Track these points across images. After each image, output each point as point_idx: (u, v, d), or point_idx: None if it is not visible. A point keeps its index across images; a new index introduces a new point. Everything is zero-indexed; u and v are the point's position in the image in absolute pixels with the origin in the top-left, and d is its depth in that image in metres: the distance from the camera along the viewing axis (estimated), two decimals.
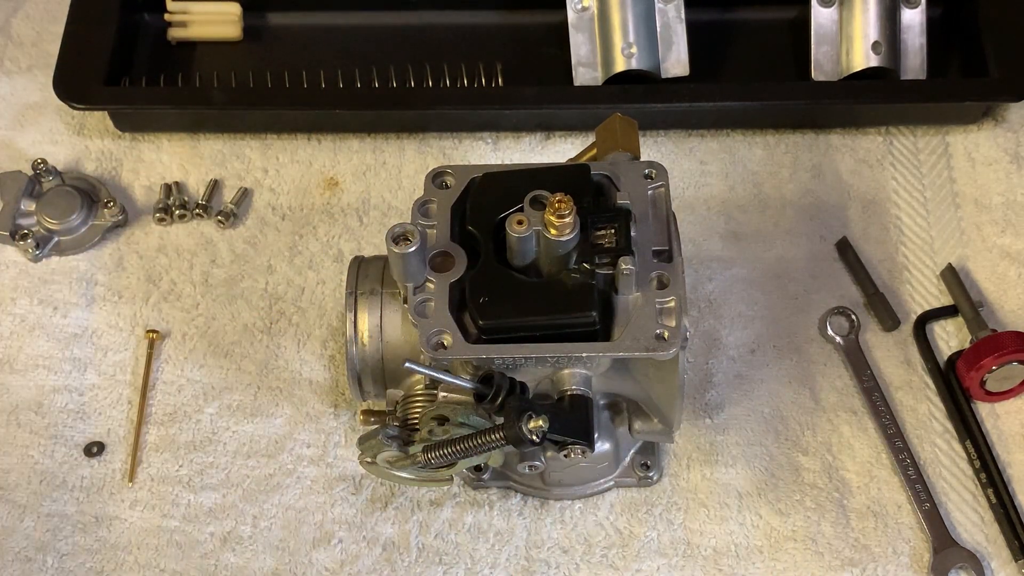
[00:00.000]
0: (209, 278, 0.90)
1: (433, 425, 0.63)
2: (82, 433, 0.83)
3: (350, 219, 0.92)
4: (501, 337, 0.63)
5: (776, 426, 0.83)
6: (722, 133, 0.95)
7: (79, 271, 0.90)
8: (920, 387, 0.84)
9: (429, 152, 0.95)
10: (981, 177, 0.93)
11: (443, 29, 1.00)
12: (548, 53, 0.98)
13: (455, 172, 0.69)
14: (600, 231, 0.64)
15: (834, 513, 0.80)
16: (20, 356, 0.86)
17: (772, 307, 0.88)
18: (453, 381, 0.61)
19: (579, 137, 0.95)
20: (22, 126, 0.97)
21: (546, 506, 0.80)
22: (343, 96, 0.95)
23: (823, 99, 0.94)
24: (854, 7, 0.93)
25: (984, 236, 0.90)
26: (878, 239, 0.90)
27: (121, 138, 0.96)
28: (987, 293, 0.88)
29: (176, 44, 1.00)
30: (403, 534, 0.79)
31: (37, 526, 0.80)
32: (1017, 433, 0.82)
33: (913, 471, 0.80)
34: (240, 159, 0.95)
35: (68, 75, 0.92)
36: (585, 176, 0.68)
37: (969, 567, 0.77)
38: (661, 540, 0.79)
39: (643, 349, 0.63)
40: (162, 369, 0.86)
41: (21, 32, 1.02)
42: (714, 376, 0.85)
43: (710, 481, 0.81)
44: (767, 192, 0.93)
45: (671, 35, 0.93)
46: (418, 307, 0.64)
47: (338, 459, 0.82)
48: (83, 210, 0.91)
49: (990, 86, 0.93)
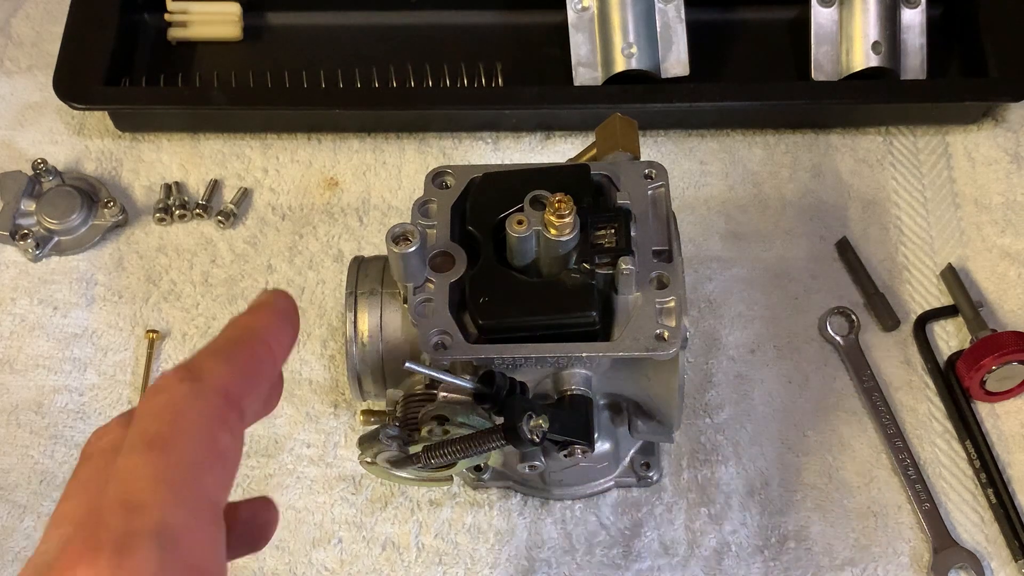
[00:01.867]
0: (209, 278, 0.90)
1: (433, 425, 0.63)
2: (82, 433, 0.83)
3: (350, 219, 0.92)
4: (501, 337, 0.63)
5: (776, 426, 0.83)
6: (722, 133, 0.95)
7: (79, 271, 0.90)
8: (920, 387, 0.84)
9: (429, 152, 0.95)
10: (981, 177, 0.93)
11: (443, 29, 1.00)
12: (548, 53, 0.98)
13: (455, 172, 0.69)
14: (600, 231, 0.64)
15: (834, 513, 0.80)
16: (20, 356, 0.86)
17: (772, 307, 0.88)
18: (453, 381, 0.61)
19: (579, 137, 0.95)
20: (22, 126, 0.97)
21: (546, 506, 0.80)
22: (343, 96, 0.95)
23: (823, 99, 0.94)
24: (854, 7, 0.93)
25: (984, 236, 0.90)
26: (878, 239, 0.90)
27: (121, 138, 0.96)
28: (987, 293, 0.88)
29: (176, 44, 1.00)
30: (403, 534, 0.79)
31: (37, 526, 0.80)
32: (1017, 433, 0.82)
33: (913, 471, 0.80)
34: (240, 159, 0.95)
35: (68, 75, 0.92)
36: (585, 176, 0.68)
37: (969, 567, 0.77)
38: (661, 540, 0.79)
39: (643, 349, 0.63)
40: (162, 369, 0.86)
41: (21, 32, 1.02)
42: (714, 376, 0.85)
43: (710, 481, 0.81)
44: (767, 192, 0.93)
45: (671, 35, 0.93)
46: (418, 307, 0.64)
47: (338, 459, 0.82)
48: (83, 210, 0.91)
49: (990, 86, 0.93)
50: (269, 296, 0.49)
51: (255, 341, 0.46)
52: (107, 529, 0.38)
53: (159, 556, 0.37)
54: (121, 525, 0.38)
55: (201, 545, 0.39)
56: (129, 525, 0.38)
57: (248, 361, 0.45)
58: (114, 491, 0.39)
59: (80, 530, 0.39)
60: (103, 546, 0.37)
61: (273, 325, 0.47)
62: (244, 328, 0.47)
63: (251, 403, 0.45)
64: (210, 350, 0.45)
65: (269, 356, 0.47)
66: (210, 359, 0.44)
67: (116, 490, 0.39)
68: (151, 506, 0.39)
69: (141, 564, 0.37)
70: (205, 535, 0.40)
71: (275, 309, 0.48)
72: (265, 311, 0.48)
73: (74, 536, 0.38)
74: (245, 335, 0.46)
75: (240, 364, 0.45)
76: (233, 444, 0.43)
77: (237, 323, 0.47)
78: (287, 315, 0.49)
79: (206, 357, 0.44)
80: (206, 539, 0.40)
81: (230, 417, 0.43)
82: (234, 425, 0.43)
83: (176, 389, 0.42)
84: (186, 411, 0.42)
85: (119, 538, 0.37)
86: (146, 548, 0.37)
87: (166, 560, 0.37)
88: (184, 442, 0.41)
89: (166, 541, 0.38)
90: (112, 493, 0.39)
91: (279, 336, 0.48)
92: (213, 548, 0.40)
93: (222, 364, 0.44)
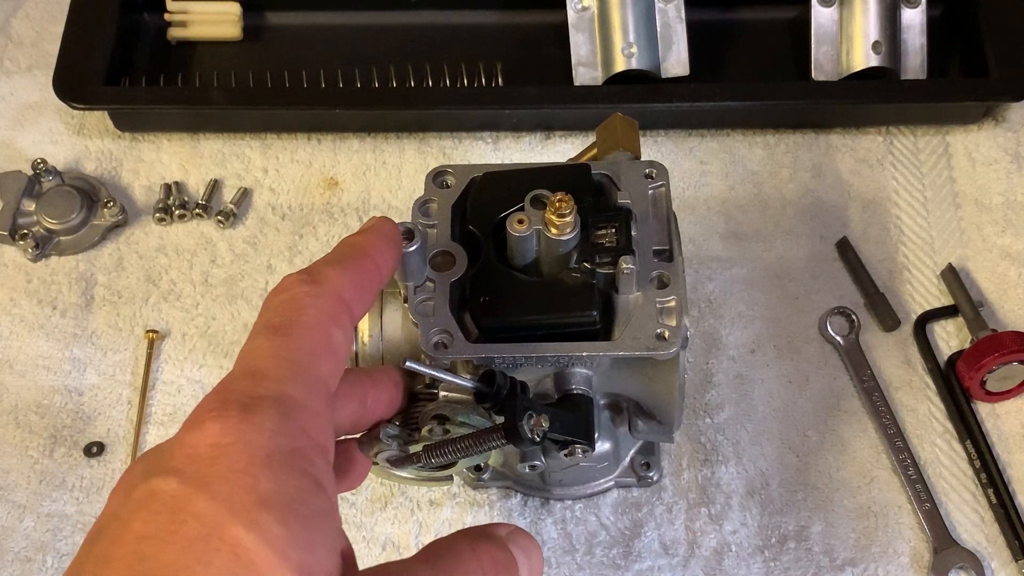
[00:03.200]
0: (209, 278, 0.89)
1: (433, 424, 0.63)
2: (82, 433, 0.83)
3: (350, 219, 0.92)
4: (502, 336, 0.63)
5: (776, 426, 0.83)
6: (722, 133, 0.95)
7: (79, 271, 0.90)
8: (920, 387, 0.84)
9: (429, 152, 0.95)
10: (981, 177, 0.93)
11: (443, 29, 1.00)
12: (548, 53, 0.98)
13: (455, 171, 0.69)
14: (600, 230, 0.64)
15: (834, 513, 0.80)
16: (20, 356, 0.86)
17: (772, 307, 0.88)
18: (454, 380, 0.61)
19: (579, 137, 0.95)
20: (22, 126, 0.97)
21: (546, 506, 0.80)
22: (343, 96, 0.95)
23: (823, 99, 0.94)
24: (854, 7, 0.93)
25: (984, 236, 0.90)
26: (878, 239, 0.90)
27: (121, 138, 0.96)
28: (987, 293, 0.88)
29: (176, 44, 1.00)
30: (403, 534, 0.79)
31: (37, 526, 0.80)
32: (1017, 433, 0.82)
33: (913, 471, 0.80)
34: (240, 159, 0.95)
35: (68, 75, 0.92)
36: (586, 176, 0.67)
37: (969, 567, 0.77)
38: (661, 540, 0.79)
39: (643, 348, 0.63)
40: (162, 369, 0.86)
41: (21, 32, 1.02)
42: (714, 376, 0.85)
43: (710, 481, 0.81)
44: (767, 192, 0.93)
45: (671, 35, 0.93)
46: (419, 307, 0.64)
47: None
48: (83, 210, 0.91)
49: (990, 86, 0.93)
50: (376, 221, 0.56)
51: (365, 257, 0.53)
52: (234, 392, 0.43)
53: (279, 418, 0.42)
54: (247, 389, 0.43)
55: (314, 418, 0.44)
56: (254, 390, 0.43)
57: (359, 272, 0.52)
58: (241, 364, 0.45)
59: (212, 394, 0.44)
60: (230, 405, 0.42)
61: (380, 244, 0.55)
62: (355, 246, 0.54)
63: (360, 308, 0.51)
64: (327, 260, 0.52)
65: (376, 270, 0.53)
66: (328, 267, 0.50)
67: (243, 363, 0.45)
68: (273, 378, 0.44)
69: (264, 422, 0.42)
70: (319, 411, 0.44)
71: (382, 232, 0.55)
72: (373, 233, 0.55)
73: (207, 399, 0.43)
74: (356, 252, 0.53)
75: (352, 274, 0.51)
76: (344, 340, 0.48)
77: (350, 241, 0.54)
78: (392, 238, 0.56)
79: (324, 265, 0.51)
80: (319, 414, 0.44)
81: (342, 317, 0.49)
82: (346, 325, 0.49)
83: (298, 288, 0.48)
84: (307, 307, 0.48)
85: (245, 399, 0.42)
86: (268, 409, 0.42)
87: (285, 423, 0.42)
88: (303, 331, 0.46)
89: (285, 408, 0.43)
90: (239, 365, 0.45)
91: (385, 254, 0.55)
92: (325, 424, 0.45)
93: (337, 272, 0.50)
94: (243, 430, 0.41)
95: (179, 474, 0.40)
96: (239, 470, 0.40)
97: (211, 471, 0.40)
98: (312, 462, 0.42)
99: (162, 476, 0.40)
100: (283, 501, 0.40)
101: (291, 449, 0.41)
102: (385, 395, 0.58)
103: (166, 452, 0.42)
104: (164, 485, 0.40)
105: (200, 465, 0.40)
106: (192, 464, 0.40)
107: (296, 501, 0.40)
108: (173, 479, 0.40)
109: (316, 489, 0.41)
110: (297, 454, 0.42)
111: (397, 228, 0.57)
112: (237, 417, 0.41)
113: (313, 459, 0.42)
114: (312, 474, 0.42)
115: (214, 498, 0.39)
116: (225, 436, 0.41)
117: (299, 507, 0.40)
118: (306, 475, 0.41)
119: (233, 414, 0.41)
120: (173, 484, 0.40)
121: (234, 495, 0.39)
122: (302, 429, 0.42)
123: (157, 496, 0.40)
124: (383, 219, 0.57)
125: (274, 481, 0.40)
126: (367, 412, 0.57)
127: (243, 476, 0.40)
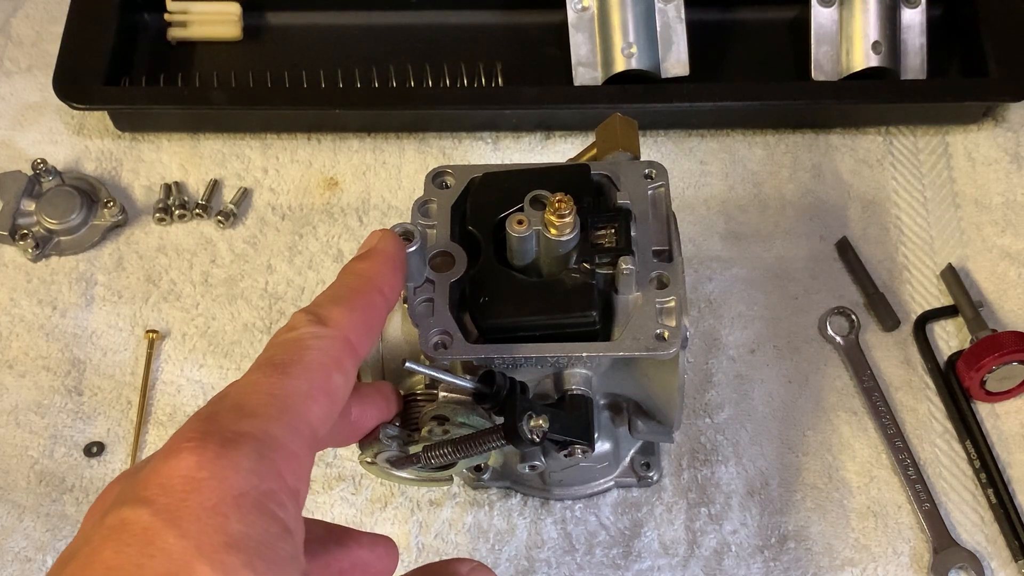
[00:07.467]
0: (209, 278, 0.89)
1: (433, 425, 0.63)
2: (82, 433, 0.83)
3: (350, 219, 0.92)
4: (501, 337, 0.63)
5: (776, 426, 0.83)
6: (722, 133, 0.95)
7: (79, 271, 0.90)
8: (920, 387, 0.84)
9: (429, 152, 0.95)
10: (981, 177, 0.93)
11: (443, 29, 1.00)
12: (548, 53, 0.98)
13: (455, 172, 0.69)
14: (600, 231, 0.64)
15: (834, 513, 0.80)
16: (20, 356, 0.86)
17: (772, 307, 0.88)
18: (453, 381, 0.61)
19: (579, 137, 0.95)
20: (22, 126, 0.97)
21: (546, 506, 0.80)
22: (343, 96, 0.95)
23: (823, 99, 0.94)
24: (854, 7, 0.93)
25: (984, 236, 0.90)
26: (878, 239, 0.90)
27: (121, 138, 0.96)
28: (987, 293, 0.88)
29: (176, 44, 1.00)
30: (403, 534, 0.79)
31: (37, 526, 0.80)
32: (1017, 433, 0.82)
33: (913, 471, 0.80)
34: (240, 159, 0.95)
35: (68, 75, 0.92)
36: (585, 176, 0.67)
37: (969, 567, 0.77)
38: (661, 540, 0.79)
39: (643, 349, 0.63)
40: (162, 369, 0.86)
41: (21, 32, 1.02)
42: (714, 376, 0.85)
43: (710, 481, 0.81)
44: (767, 192, 0.93)
45: (671, 35, 0.93)
46: (418, 307, 0.64)
47: (338, 459, 0.82)
48: (83, 210, 0.91)
49: (990, 86, 0.93)
50: (380, 241, 0.54)
51: (372, 290, 0.52)
52: (217, 424, 0.43)
53: (257, 457, 0.42)
54: (231, 423, 0.43)
55: (291, 461, 0.43)
56: (237, 425, 0.43)
57: (366, 310, 0.51)
58: (232, 395, 0.45)
59: (196, 419, 0.43)
60: (211, 437, 0.42)
61: (386, 272, 0.53)
62: (362, 277, 0.52)
63: (366, 347, 0.50)
64: (333, 297, 0.51)
65: (384, 303, 0.52)
66: (336, 307, 0.50)
67: (234, 395, 0.45)
68: (260, 415, 0.44)
69: (240, 460, 0.41)
70: (297, 454, 0.44)
71: (386, 257, 0.54)
72: (378, 259, 0.54)
73: (190, 423, 0.43)
74: (364, 285, 0.52)
75: (360, 312, 0.50)
76: (344, 384, 0.48)
77: (356, 271, 0.53)
78: (397, 260, 0.55)
79: (332, 304, 0.50)
80: (297, 458, 0.44)
81: (346, 361, 0.48)
82: (348, 368, 0.48)
83: (305, 328, 0.48)
84: (311, 348, 0.47)
85: (226, 433, 0.42)
86: (247, 447, 0.42)
87: (261, 463, 0.42)
88: (302, 372, 0.46)
89: (265, 447, 0.42)
90: (231, 396, 0.45)
91: (392, 283, 0.53)
92: (302, 468, 0.44)
93: (346, 313, 0.50)
94: (219, 466, 0.41)
95: (151, 505, 0.40)
96: (210, 508, 0.40)
97: (183, 505, 0.40)
98: (283, 506, 0.42)
99: (134, 506, 0.40)
100: (251, 544, 0.40)
101: (263, 491, 0.41)
102: (373, 410, 0.58)
103: (141, 480, 0.42)
104: (135, 516, 0.40)
105: (172, 497, 0.40)
106: (164, 495, 0.40)
107: (263, 545, 0.40)
108: (145, 510, 0.40)
109: (284, 534, 0.41)
110: (269, 497, 0.42)
111: (400, 244, 0.56)
112: (215, 452, 0.41)
113: (284, 503, 0.42)
114: (281, 519, 0.42)
115: (184, 535, 0.39)
116: (200, 470, 0.41)
117: (266, 551, 0.40)
118: (275, 520, 0.41)
119: (212, 448, 0.41)
120: (145, 516, 0.40)
121: (203, 534, 0.39)
122: (277, 472, 0.42)
123: (128, 526, 0.40)
124: (385, 236, 0.55)
125: (243, 523, 0.40)
126: (352, 426, 0.57)
127: (213, 515, 0.40)
